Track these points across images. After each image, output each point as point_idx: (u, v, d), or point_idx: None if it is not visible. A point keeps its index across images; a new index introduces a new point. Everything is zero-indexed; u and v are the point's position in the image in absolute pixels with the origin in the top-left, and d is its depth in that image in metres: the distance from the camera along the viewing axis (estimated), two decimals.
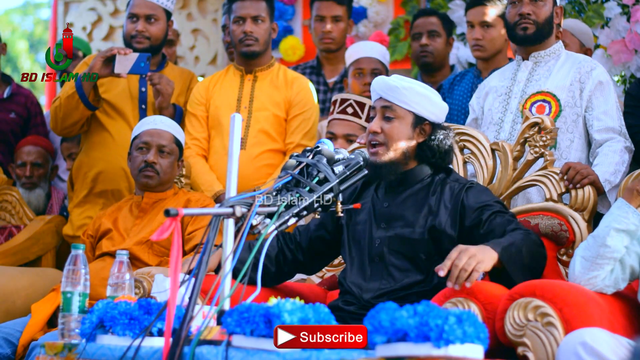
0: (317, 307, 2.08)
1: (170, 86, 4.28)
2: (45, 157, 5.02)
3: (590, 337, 2.32)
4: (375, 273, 2.91)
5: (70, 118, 4.27)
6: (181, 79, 4.49)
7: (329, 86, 4.96)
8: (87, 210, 4.37)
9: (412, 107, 2.94)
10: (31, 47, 16.17)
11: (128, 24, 4.39)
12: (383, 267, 2.91)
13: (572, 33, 4.27)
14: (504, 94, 3.70)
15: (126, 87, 4.40)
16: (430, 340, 1.89)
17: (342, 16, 4.97)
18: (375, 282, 2.90)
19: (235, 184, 2.40)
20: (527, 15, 3.60)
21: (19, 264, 4.44)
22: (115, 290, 2.64)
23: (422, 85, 3.01)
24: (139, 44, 4.31)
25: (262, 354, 2.05)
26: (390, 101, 2.95)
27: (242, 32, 4.29)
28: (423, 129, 2.96)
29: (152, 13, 4.37)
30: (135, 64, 4.12)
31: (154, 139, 3.85)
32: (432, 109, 2.96)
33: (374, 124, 2.96)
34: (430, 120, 2.96)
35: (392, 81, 2.96)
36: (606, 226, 2.67)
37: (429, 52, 4.80)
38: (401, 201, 2.97)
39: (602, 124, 3.49)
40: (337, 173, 2.66)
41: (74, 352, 2.39)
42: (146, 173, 3.82)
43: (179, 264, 2.12)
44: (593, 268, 2.66)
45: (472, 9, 4.48)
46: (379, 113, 2.97)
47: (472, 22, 4.47)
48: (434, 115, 2.97)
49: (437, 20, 4.84)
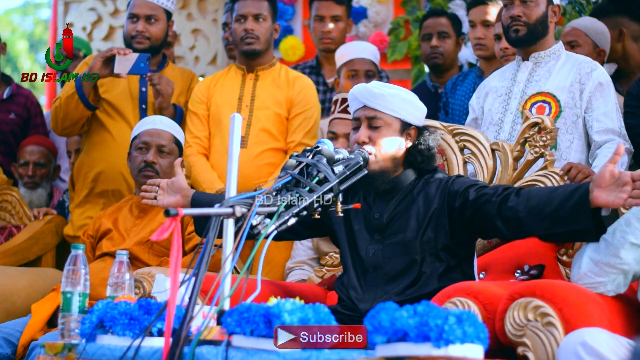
0: (317, 307, 2.08)
1: (170, 86, 4.28)
2: (48, 157, 5.02)
3: (590, 337, 2.32)
4: (370, 283, 2.90)
5: (71, 118, 4.27)
6: (182, 78, 4.49)
7: (329, 86, 4.96)
8: (88, 211, 4.37)
9: (398, 113, 2.90)
10: (31, 47, 16.16)
11: (128, 24, 4.40)
12: (378, 276, 2.88)
13: (586, 33, 4.22)
14: (504, 95, 3.70)
15: (126, 87, 4.40)
16: (430, 340, 1.89)
17: (342, 16, 4.97)
18: (371, 293, 2.87)
19: (235, 184, 2.40)
20: (518, 17, 3.61)
21: (19, 264, 4.44)
22: (115, 290, 2.64)
23: (405, 90, 2.98)
24: (139, 44, 4.32)
25: (262, 354, 2.05)
26: (376, 109, 2.90)
27: (244, 30, 4.29)
28: (409, 134, 2.93)
29: (152, 13, 4.37)
30: (135, 64, 4.12)
31: (153, 139, 3.85)
32: (417, 113, 2.95)
33: (361, 134, 2.89)
34: (415, 125, 2.94)
35: (377, 89, 2.90)
36: (622, 237, 2.61)
37: (439, 53, 4.81)
38: (391, 209, 2.93)
39: (601, 125, 3.49)
40: (337, 173, 2.66)
41: (74, 352, 2.39)
42: (145, 173, 3.82)
43: (179, 264, 2.12)
44: (600, 274, 2.63)
45: (474, 8, 4.48)
46: (364, 122, 2.91)
47: (474, 22, 4.47)
48: (417, 120, 2.95)
49: (447, 21, 4.84)
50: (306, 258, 3.98)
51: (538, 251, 3.13)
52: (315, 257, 3.95)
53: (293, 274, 3.96)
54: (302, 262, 3.98)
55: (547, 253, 3.13)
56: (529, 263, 3.11)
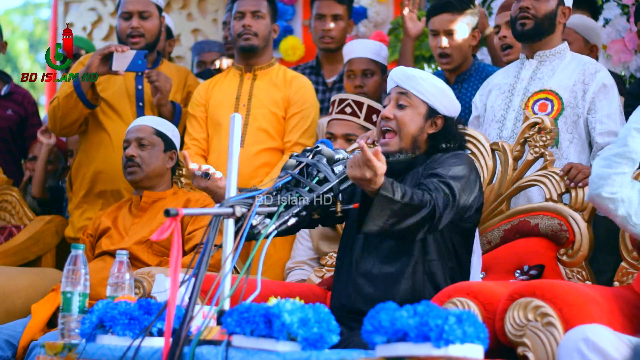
0: (317, 307, 2.08)
1: (169, 83, 4.28)
2: (56, 154, 5.01)
3: (592, 333, 2.32)
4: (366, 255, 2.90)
5: (69, 117, 4.26)
6: (177, 76, 4.49)
7: (328, 86, 4.96)
8: (87, 212, 4.37)
9: (426, 97, 2.96)
10: (31, 47, 16.16)
11: (121, 23, 4.40)
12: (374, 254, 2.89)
13: (575, 30, 4.19)
14: (507, 92, 3.69)
15: (123, 85, 4.40)
16: (430, 340, 1.89)
17: (342, 15, 4.96)
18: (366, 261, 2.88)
19: (235, 184, 2.40)
20: (526, 9, 3.60)
21: (19, 264, 4.44)
22: (115, 290, 2.64)
23: (438, 79, 3.04)
24: (135, 43, 4.31)
25: (262, 354, 2.05)
26: (406, 89, 2.97)
27: (242, 26, 4.30)
28: (435, 122, 2.97)
29: (145, 9, 4.38)
30: (132, 61, 4.12)
31: (132, 135, 3.90)
32: (446, 103, 2.98)
33: (387, 110, 2.97)
34: (443, 114, 2.97)
35: (410, 70, 2.99)
36: (627, 128, 2.69)
37: None
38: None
39: (604, 127, 3.48)
40: (337, 173, 2.66)
41: (74, 352, 2.39)
42: (128, 169, 3.86)
43: (179, 264, 2.12)
44: (611, 166, 2.67)
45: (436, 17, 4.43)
46: (393, 100, 2.98)
47: (437, 31, 4.42)
48: (447, 110, 2.99)
49: None
50: (306, 258, 3.98)
51: (538, 251, 3.14)
52: (315, 257, 3.95)
53: (293, 274, 3.96)
54: (302, 262, 3.98)
55: (547, 253, 3.13)
56: (529, 263, 3.11)
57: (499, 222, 3.28)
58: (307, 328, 2.03)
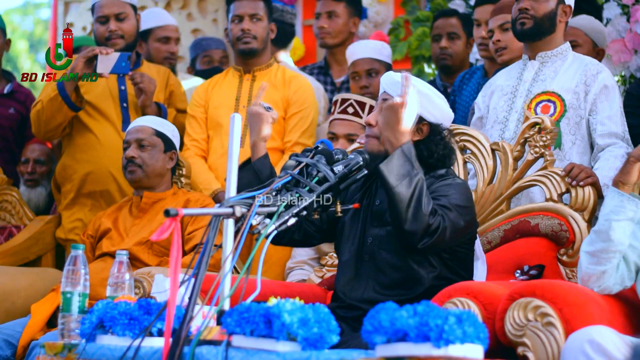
0: (317, 307, 2.08)
1: (153, 84, 4.28)
2: (49, 155, 5.00)
3: (597, 335, 2.32)
4: (365, 271, 2.89)
5: (54, 121, 4.24)
6: (158, 76, 4.48)
7: (336, 86, 4.98)
8: (76, 213, 4.37)
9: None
10: (31, 47, 16.16)
11: (98, 27, 4.38)
12: (374, 265, 2.88)
13: (585, 32, 4.19)
14: (509, 93, 3.69)
15: (106, 87, 4.39)
16: (430, 340, 1.89)
17: (339, 12, 4.99)
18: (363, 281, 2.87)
19: (235, 184, 2.40)
20: (525, 10, 3.60)
21: (19, 264, 4.44)
22: (115, 291, 2.64)
23: (427, 85, 2.96)
24: (114, 45, 4.30)
25: (262, 354, 2.05)
26: (390, 95, 2.89)
27: (240, 30, 4.30)
28: (420, 128, 2.90)
29: (121, 11, 4.38)
30: (116, 63, 4.11)
31: (132, 136, 3.89)
32: (432, 109, 2.90)
33: (370, 116, 2.93)
34: (430, 122, 2.92)
35: (397, 76, 2.91)
36: (606, 220, 2.64)
37: (448, 54, 4.76)
38: None
39: (605, 128, 3.48)
40: (337, 173, 2.66)
41: (74, 352, 2.39)
42: (129, 169, 3.85)
43: (179, 264, 2.12)
44: (600, 262, 2.64)
45: (480, 7, 4.45)
46: (378, 106, 2.94)
47: (479, 21, 4.45)
48: (433, 117, 2.90)
49: (457, 21, 4.78)
50: (306, 258, 3.98)
51: (538, 251, 3.14)
52: (316, 257, 3.95)
53: (293, 274, 3.96)
54: (302, 262, 3.98)
55: (547, 253, 3.13)
56: (529, 263, 3.11)
57: (499, 222, 3.28)
58: (307, 328, 2.03)
